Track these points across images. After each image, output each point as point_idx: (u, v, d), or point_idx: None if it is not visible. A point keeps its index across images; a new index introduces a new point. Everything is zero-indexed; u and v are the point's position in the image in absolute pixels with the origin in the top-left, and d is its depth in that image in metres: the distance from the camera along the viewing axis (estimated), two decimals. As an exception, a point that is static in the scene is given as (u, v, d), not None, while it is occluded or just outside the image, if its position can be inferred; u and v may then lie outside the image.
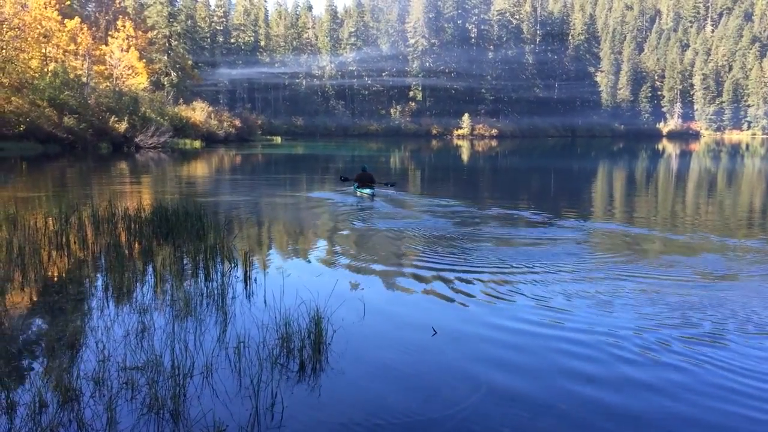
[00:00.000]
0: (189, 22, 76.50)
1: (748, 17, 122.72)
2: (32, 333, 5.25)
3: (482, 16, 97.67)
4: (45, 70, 39.16)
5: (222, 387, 4.09)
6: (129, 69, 49.21)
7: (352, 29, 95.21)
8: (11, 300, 6.02)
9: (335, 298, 5.91)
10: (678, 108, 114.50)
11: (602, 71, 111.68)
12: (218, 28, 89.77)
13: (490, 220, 12.11)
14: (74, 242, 8.40)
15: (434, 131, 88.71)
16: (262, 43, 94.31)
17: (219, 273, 6.94)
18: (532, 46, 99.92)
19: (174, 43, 67.04)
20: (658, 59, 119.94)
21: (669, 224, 12.69)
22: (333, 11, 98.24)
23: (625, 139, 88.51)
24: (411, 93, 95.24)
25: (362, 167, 16.65)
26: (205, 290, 6.36)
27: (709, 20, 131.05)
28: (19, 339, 5.01)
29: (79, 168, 26.66)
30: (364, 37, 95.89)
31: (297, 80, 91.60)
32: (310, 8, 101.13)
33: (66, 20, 44.50)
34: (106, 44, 50.92)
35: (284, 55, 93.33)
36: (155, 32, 64.64)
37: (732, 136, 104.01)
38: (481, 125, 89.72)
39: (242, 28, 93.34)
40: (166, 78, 62.30)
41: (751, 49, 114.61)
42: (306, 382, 4.28)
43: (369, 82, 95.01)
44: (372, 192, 15.58)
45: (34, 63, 39.77)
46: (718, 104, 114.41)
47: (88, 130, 37.14)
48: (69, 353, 4.65)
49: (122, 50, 49.24)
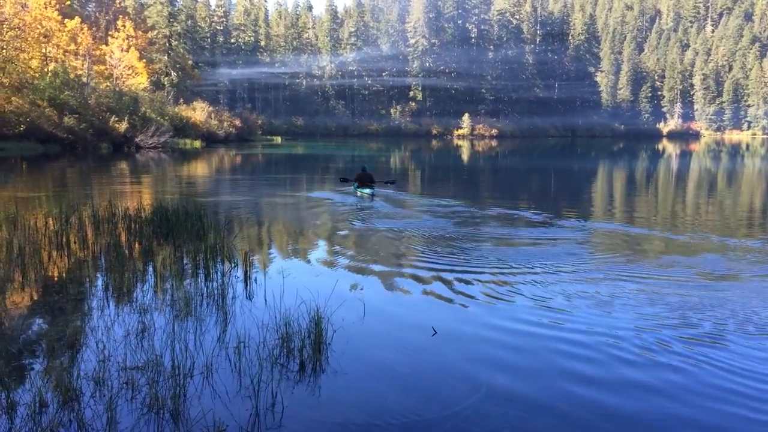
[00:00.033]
0: (189, 22, 76.55)
1: (748, 17, 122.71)
2: (32, 333, 5.25)
3: (482, 16, 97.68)
4: (45, 70, 39.17)
5: (222, 387, 4.09)
6: (129, 69, 49.25)
7: (353, 29, 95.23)
8: (11, 300, 6.02)
9: (335, 298, 5.91)
10: (678, 108, 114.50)
11: (602, 71, 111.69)
12: (218, 28, 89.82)
13: (490, 220, 12.11)
14: (74, 242, 8.40)
15: (434, 131, 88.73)
16: (263, 43, 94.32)
17: (219, 273, 6.94)
18: (532, 46, 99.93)
19: (174, 43, 67.06)
20: (658, 59, 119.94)
21: (669, 224, 12.69)
22: (333, 11, 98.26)
23: (625, 139, 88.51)
24: (411, 93, 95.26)
25: (362, 167, 16.66)
26: (205, 290, 6.36)
27: (709, 20, 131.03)
28: (20, 339, 5.01)
29: (80, 168, 26.66)
30: (364, 37, 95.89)
31: (297, 80, 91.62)
32: (311, 8, 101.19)
33: (66, 20, 44.54)
34: (107, 44, 50.95)
35: (284, 55, 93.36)
36: (155, 32, 64.69)
37: (732, 136, 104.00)
38: (481, 125, 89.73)
39: (242, 28, 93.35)
40: (167, 78, 62.33)
41: (751, 49, 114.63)
42: (306, 382, 4.28)
43: (369, 82, 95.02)
44: (372, 192, 15.59)
45: (35, 63, 39.79)
46: (718, 104, 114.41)
47: (89, 130, 37.16)
48: (69, 353, 4.65)
49: (122, 50, 49.28)
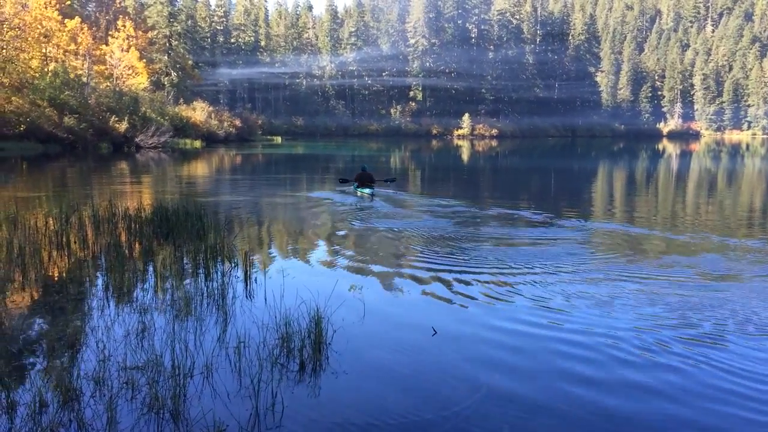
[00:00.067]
0: (189, 22, 76.58)
1: (749, 17, 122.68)
2: (32, 333, 5.25)
3: (482, 16, 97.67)
4: (45, 70, 39.17)
5: (222, 387, 4.09)
6: (129, 69, 49.26)
7: (353, 29, 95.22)
8: (11, 300, 6.02)
9: (335, 298, 5.91)
10: (678, 108, 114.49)
11: (602, 71, 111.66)
12: (218, 28, 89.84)
13: (490, 220, 12.11)
14: (74, 242, 8.40)
15: (434, 131, 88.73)
16: (263, 43, 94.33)
17: (219, 273, 6.94)
18: (533, 46, 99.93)
19: (174, 43, 67.06)
20: (659, 59, 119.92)
21: (669, 224, 12.68)
22: (333, 11, 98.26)
23: (626, 139, 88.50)
24: (411, 93, 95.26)
25: (362, 167, 16.67)
26: (205, 290, 6.36)
27: (710, 20, 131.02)
28: (20, 339, 5.01)
29: (80, 168, 26.66)
30: (365, 37, 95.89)
31: (297, 80, 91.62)
32: (311, 8, 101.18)
33: (66, 20, 44.54)
34: (107, 44, 50.96)
35: (284, 55, 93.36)
36: (155, 32, 64.68)
37: (732, 136, 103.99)
38: (482, 125, 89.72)
39: (242, 28, 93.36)
40: (167, 78, 62.32)
41: (752, 49, 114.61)
42: (306, 382, 4.28)
43: (369, 82, 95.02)
44: (372, 192, 15.59)
45: (35, 63, 39.80)
46: (719, 104, 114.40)
47: (89, 130, 37.17)
48: (69, 353, 4.65)
49: (122, 50, 49.29)
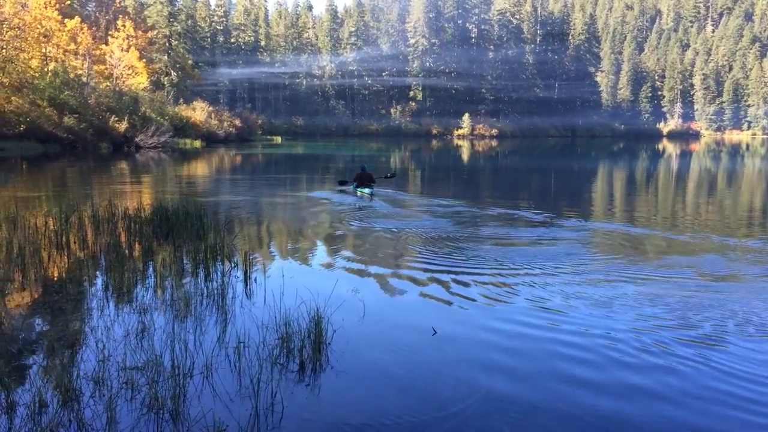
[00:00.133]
0: (189, 22, 76.56)
1: (749, 17, 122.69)
2: (32, 333, 5.25)
3: (482, 16, 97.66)
4: (45, 70, 39.17)
5: (222, 387, 4.09)
6: (129, 69, 49.26)
7: (353, 29, 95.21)
8: (11, 300, 6.02)
9: (335, 298, 5.91)
10: (678, 108, 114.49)
11: (602, 71, 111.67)
12: (218, 28, 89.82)
13: (490, 220, 12.11)
14: (74, 242, 8.39)
15: (434, 131, 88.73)
16: (263, 43, 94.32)
17: (219, 273, 6.94)
18: (533, 46, 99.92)
19: (174, 43, 67.04)
20: (659, 59, 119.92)
21: (669, 224, 12.69)
22: (333, 11, 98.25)
23: (626, 139, 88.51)
24: (411, 93, 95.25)
25: (361, 167, 16.66)
26: (205, 290, 6.36)
27: (710, 20, 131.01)
28: (19, 339, 5.01)
29: (80, 168, 26.66)
30: (365, 37, 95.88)
31: (297, 80, 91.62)
32: (311, 8, 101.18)
33: (66, 20, 44.55)
34: (106, 44, 50.97)
35: (284, 55, 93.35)
36: (155, 32, 64.67)
37: (732, 136, 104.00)
38: (482, 125, 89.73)
39: (242, 28, 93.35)
40: (167, 78, 62.31)
41: (752, 49, 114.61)
42: (306, 382, 4.28)
43: (369, 82, 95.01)
44: (371, 191, 15.60)
45: (35, 63, 39.79)
46: (719, 104, 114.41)
47: (89, 130, 37.15)
48: (69, 353, 4.65)
49: (122, 50, 49.28)
